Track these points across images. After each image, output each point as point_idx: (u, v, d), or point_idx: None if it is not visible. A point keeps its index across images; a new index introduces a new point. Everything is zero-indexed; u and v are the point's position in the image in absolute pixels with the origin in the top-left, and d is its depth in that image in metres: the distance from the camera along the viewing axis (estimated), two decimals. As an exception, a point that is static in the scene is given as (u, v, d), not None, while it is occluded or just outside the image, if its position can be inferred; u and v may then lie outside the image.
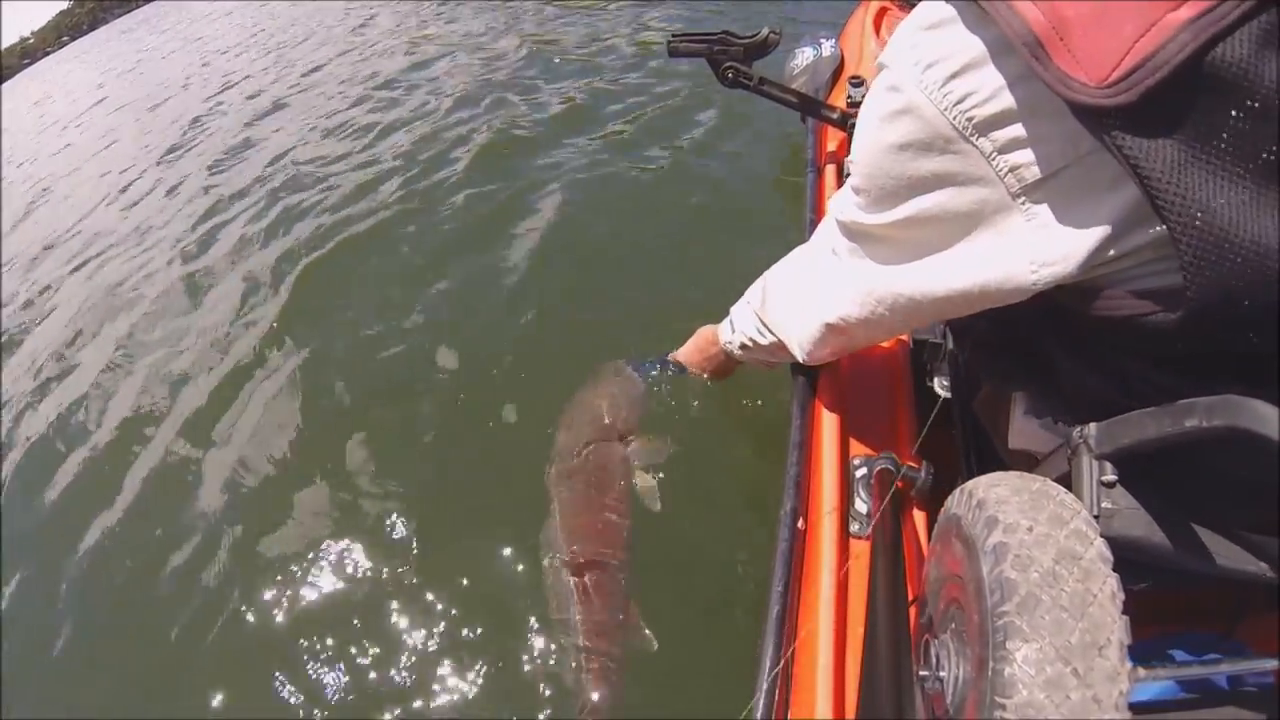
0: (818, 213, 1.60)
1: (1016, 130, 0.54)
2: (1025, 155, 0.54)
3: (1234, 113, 0.45)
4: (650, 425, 1.42)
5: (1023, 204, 0.57)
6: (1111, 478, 0.63)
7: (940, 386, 1.06)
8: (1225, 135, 0.45)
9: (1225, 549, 0.62)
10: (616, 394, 1.43)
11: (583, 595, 1.18)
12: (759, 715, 0.79)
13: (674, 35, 1.70)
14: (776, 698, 0.80)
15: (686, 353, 1.33)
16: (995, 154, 0.55)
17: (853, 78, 1.95)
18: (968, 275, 0.63)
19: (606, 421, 1.38)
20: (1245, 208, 0.46)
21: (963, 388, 1.02)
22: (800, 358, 0.98)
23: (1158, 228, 0.50)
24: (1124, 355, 0.62)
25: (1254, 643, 0.79)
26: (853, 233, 0.76)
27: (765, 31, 1.69)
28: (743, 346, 1.09)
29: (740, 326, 1.11)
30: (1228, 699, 0.71)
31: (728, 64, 1.69)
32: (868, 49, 2.16)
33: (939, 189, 0.61)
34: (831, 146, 1.86)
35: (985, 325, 0.81)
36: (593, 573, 1.19)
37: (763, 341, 1.05)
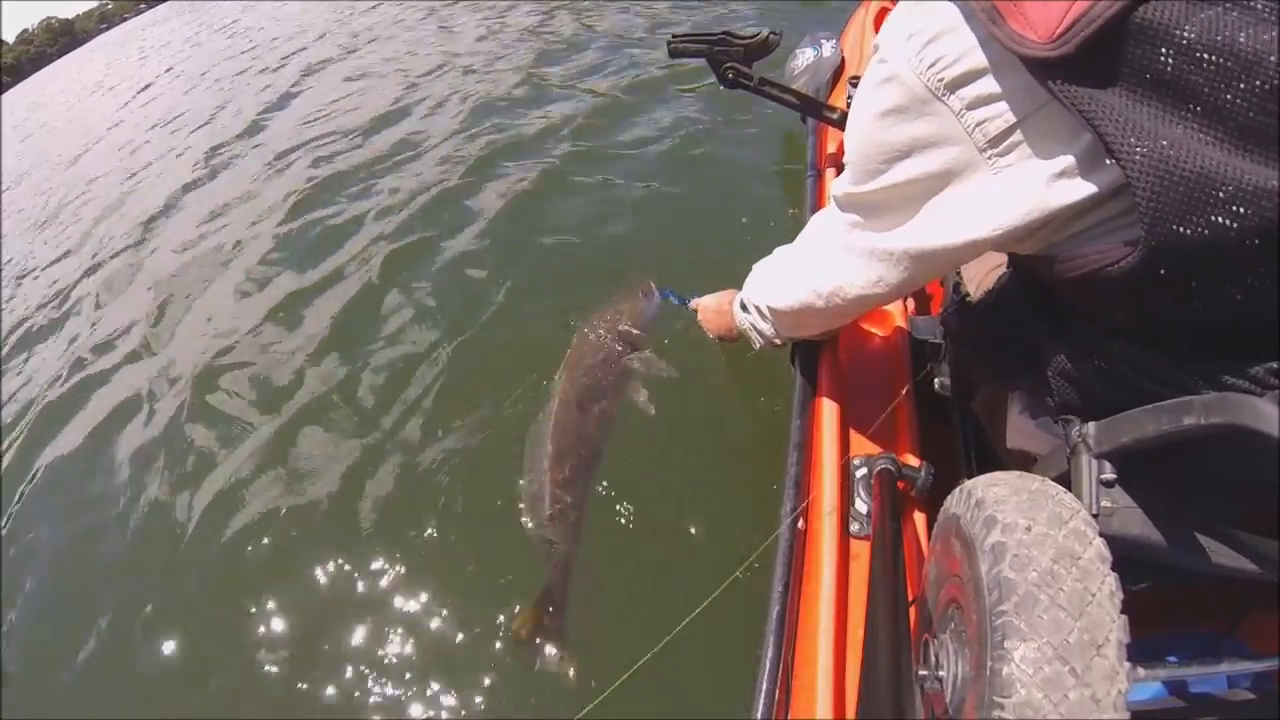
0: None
1: (981, 87, 0.60)
2: (989, 110, 0.60)
3: (1169, 61, 0.50)
4: (661, 349, 1.56)
5: (989, 159, 0.62)
6: (1110, 477, 0.63)
7: (941, 386, 1.06)
8: (1164, 81, 0.50)
9: (1224, 548, 0.62)
10: (637, 309, 1.56)
11: (555, 456, 1.37)
12: (759, 715, 0.79)
13: (674, 36, 1.69)
14: (776, 698, 0.80)
15: (706, 302, 1.36)
16: (964, 110, 0.61)
17: (853, 78, 1.94)
18: (946, 230, 0.68)
19: (621, 329, 1.53)
20: (1192, 143, 0.50)
21: (962, 387, 1.02)
22: (767, 310, 1.02)
23: (1114, 173, 0.54)
24: (1100, 333, 0.65)
25: (1254, 641, 0.79)
26: (846, 205, 0.80)
27: (765, 32, 1.68)
28: (741, 305, 1.11)
29: (744, 289, 1.13)
30: (1227, 699, 0.71)
31: (728, 64, 1.69)
32: (868, 49, 2.16)
33: (917, 152, 0.66)
34: (831, 148, 1.85)
35: (977, 322, 0.81)
36: (569, 441, 1.40)
37: (754, 301, 1.07)
